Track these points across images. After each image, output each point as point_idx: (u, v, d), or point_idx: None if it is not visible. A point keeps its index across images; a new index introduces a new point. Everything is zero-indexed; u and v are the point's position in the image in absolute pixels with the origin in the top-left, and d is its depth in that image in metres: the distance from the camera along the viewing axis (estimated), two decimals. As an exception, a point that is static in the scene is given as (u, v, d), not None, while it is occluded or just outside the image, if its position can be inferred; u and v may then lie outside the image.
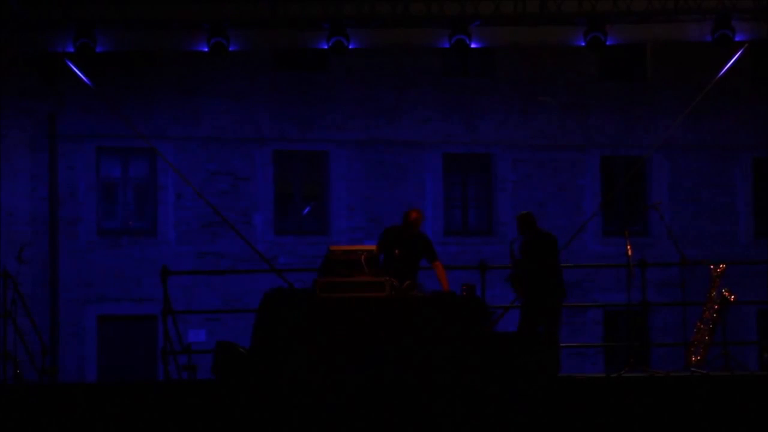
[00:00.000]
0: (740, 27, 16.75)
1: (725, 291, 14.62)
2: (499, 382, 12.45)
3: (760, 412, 12.20)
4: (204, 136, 22.27)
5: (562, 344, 14.69)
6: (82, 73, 17.80)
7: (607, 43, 16.86)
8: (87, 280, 21.72)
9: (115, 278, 21.80)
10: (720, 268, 14.80)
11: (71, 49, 16.74)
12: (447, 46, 16.91)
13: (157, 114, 22.07)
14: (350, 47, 16.86)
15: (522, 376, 12.55)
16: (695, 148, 23.44)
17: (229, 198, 22.21)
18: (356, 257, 13.12)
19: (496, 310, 15.69)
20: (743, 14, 16.77)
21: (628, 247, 14.72)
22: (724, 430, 12.15)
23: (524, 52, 22.17)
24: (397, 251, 13.83)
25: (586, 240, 22.41)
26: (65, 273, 21.61)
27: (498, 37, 17.56)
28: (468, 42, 16.74)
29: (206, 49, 16.88)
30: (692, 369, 14.28)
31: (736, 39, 16.75)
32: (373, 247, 13.38)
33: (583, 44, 16.94)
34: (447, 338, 12.80)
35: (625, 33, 17.25)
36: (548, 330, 14.03)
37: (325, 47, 16.89)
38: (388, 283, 13.02)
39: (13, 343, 14.64)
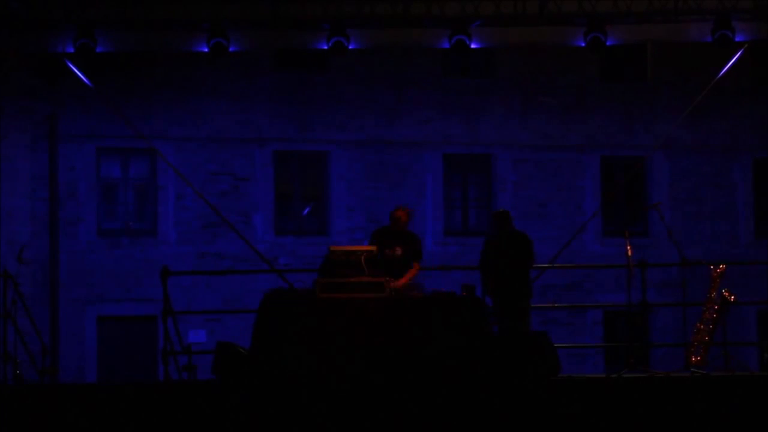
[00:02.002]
0: (740, 27, 16.75)
1: (725, 291, 14.62)
2: (499, 382, 12.44)
3: (760, 412, 12.20)
4: (204, 136, 22.27)
5: (561, 345, 14.72)
6: (82, 74, 17.80)
7: (607, 43, 16.86)
8: (87, 280, 21.72)
9: (115, 278, 21.80)
10: (720, 268, 14.80)
11: (71, 50, 16.75)
12: (447, 46, 16.92)
13: (157, 114, 22.07)
14: (350, 47, 16.87)
15: (522, 376, 12.54)
16: (695, 148, 23.43)
17: (229, 198, 22.21)
18: (356, 258, 13.12)
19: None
20: (743, 14, 16.77)
21: (628, 247, 14.72)
22: (724, 430, 12.15)
23: (524, 52, 22.16)
24: (399, 250, 13.80)
25: (586, 240, 22.41)
26: (65, 273, 21.61)
27: (498, 38, 17.57)
28: (468, 42, 16.74)
29: (206, 50, 16.88)
30: (692, 369, 14.28)
31: (736, 39, 16.76)
32: (373, 248, 13.38)
33: (583, 44, 16.94)
34: (447, 338, 12.80)
35: (625, 33, 17.26)
36: (516, 329, 14.08)
37: (325, 47, 16.90)
38: (388, 284, 13.03)
39: (14, 343, 14.64)
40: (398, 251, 13.89)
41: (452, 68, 23.19)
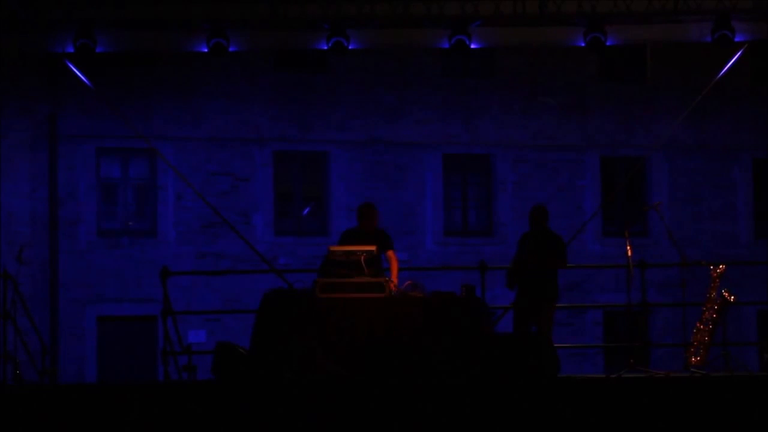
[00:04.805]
0: (740, 27, 16.73)
1: (725, 292, 14.61)
2: (499, 382, 12.44)
3: (760, 413, 12.19)
4: (204, 136, 22.27)
5: (561, 345, 14.70)
6: (82, 74, 17.79)
7: (607, 43, 16.85)
8: (87, 280, 21.72)
9: (115, 279, 21.81)
10: (720, 268, 14.79)
11: (71, 50, 16.73)
12: (447, 46, 16.90)
13: (157, 114, 22.08)
14: (350, 48, 16.85)
15: (522, 376, 12.54)
16: (695, 148, 23.45)
17: (229, 198, 22.22)
18: (356, 258, 13.11)
19: (496, 310, 15.69)
20: (743, 14, 16.75)
21: (628, 247, 14.71)
22: (724, 430, 12.14)
23: (524, 52, 22.18)
24: (374, 247, 13.67)
25: (586, 240, 22.40)
26: (65, 273, 21.61)
27: (498, 38, 17.56)
28: (468, 42, 16.73)
29: (206, 50, 16.87)
30: (692, 370, 14.27)
31: (736, 39, 16.73)
32: (372, 247, 13.35)
33: (583, 45, 16.92)
34: (447, 338, 12.80)
35: (625, 33, 17.25)
36: (540, 330, 14.05)
37: (325, 48, 16.89)
38: (388, 284, 13.03)
39: (13, 343, 14.64)
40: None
41: (452, 68, 23.19)
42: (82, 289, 21.71)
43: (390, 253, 14.02)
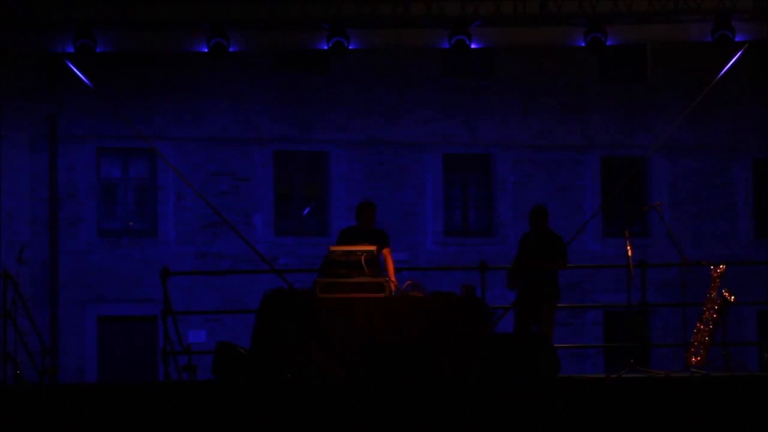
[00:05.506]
0: (740, 27, 16.73)
1: (725, 291, 14.61)
2: (499, 382, 12.44)
3: (760, 413, 12.19)
4: (204, 136, 22.27)
5: (561, 345, 14.69)
6: (82, 74, 17.79)
7: (607, 43, 16.85)
8: (87, 280, 21.72)
9: (115, 279, 21.81)
10: (720, 268, 14.78)
11: (71, 50, 16.74)
12: (447, 46, 16.90)
13: (157, 114, 22.08)
14: (350, 48, 16.85)
15: (522, 376, 12.54)
16: (695, 148, 23.45)
17: (229, 198, 22.22)
18: (356, 258, 13.11)
19: (496, 310, 15.68)
20: (743, 14, 16.76)
21: (628, 247, 14.70)
22: (724, 430, 12.14)
23: (524, 53, 22.18)
24: (374, 247, 13.65)
25: (586, 240, 22.41)
26: (65, 273, 21.62)
27: (498, 38, 17.56)
28: (468, 42, 16.73)
29: (206, 50, 16.88)
30: (692, 370, 14.27)
31: (736, 39, 16.73)
32: (372, 247, 13.34)
33: (583, 45, 16.93)
34: (447, 338, 12.80)
35: (625, 33, 17.25)
36: (541, 330, 14.04)
37: (325, 48, 16.89)
38: (388, 284, 13.03)
39: (14, 343, 14.64)
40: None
41: (452, 68, 23.20)
42: (82, 289, 21.71)
43: (385, 251, 14.01)
